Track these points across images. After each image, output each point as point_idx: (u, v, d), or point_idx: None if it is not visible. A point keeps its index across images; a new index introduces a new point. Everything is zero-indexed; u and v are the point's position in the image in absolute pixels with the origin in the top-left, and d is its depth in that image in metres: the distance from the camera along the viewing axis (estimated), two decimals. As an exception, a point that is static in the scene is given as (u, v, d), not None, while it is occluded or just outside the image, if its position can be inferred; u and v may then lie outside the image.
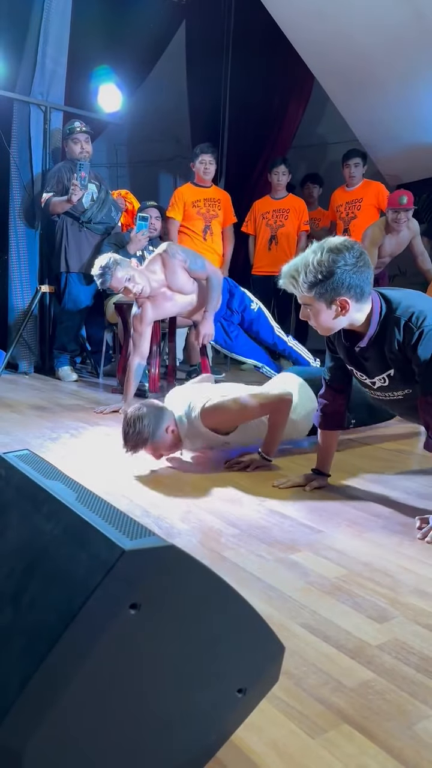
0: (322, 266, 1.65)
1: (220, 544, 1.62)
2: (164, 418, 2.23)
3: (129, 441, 2.18)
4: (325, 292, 1.67)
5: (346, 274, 1.65)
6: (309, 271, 1.66)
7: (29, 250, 4.81)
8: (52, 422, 3.03)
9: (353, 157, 4.96)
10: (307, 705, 0.99)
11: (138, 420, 2.16)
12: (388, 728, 0.94)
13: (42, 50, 4.59)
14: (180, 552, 0.70)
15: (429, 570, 1.50)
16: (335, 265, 1.64)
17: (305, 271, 1.66)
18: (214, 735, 0.81)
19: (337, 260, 1.64)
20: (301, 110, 6.15)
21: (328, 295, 1.67)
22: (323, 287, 1.66)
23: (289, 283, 1.72)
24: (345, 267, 1.64)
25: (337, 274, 1.64)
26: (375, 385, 1.90)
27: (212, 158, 4.80)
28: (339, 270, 1.64)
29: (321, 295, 1.67)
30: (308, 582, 1.42)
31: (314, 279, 1.66)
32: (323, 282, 1.65)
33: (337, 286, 1.66)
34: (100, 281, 3.17)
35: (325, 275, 1.65)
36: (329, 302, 1.69)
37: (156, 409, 2.24)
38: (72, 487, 0.85)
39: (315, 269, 1.65)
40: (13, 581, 0.73)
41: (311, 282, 1.66)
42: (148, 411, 2.19)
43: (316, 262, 1.65)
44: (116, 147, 6.96)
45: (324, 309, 1.70)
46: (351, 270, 1.65)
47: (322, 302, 1.69)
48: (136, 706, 0.70)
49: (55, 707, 0.64)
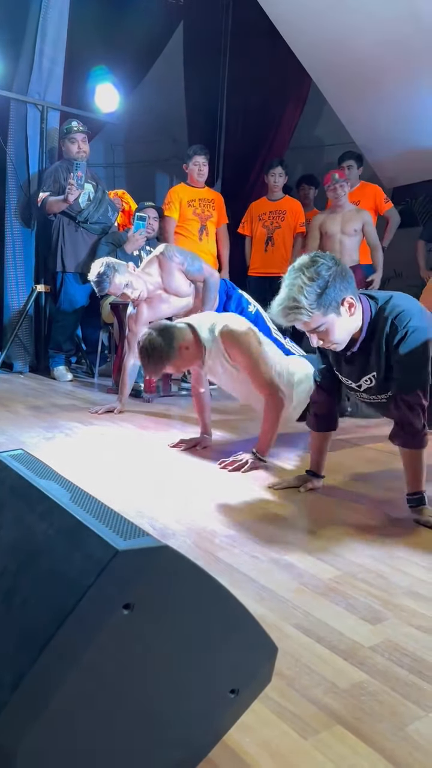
0: (314, 281, 1.66)
1: (214, 545, 1.62)
2: (175, 338, 2.26)
3: (148, 368, 2.25)
4: (330, 302, 1.68)
5: (337, 277, 1.67)
6: (307, 293, 1.65)
7: (25, 250, 4.80)
8: (47, 422, 3.03)
9: (347, 159, 4.97)
10: (299, 706, 0.99)
11: (150, 346, 2.21)
12: (381, 729, 0.94)
13: (39, 49, 4.59)
14: (174, 552, 0.70)
15: (422, 571, 1.50)
16: (324, 274, 1.66)
17: (303, 294, 1.66)
18: (206, 735, 0.81)
19: (321, 270, 1.67)
20: (298, 112, 6.16)
21: (335, 303, 1.69)
22: (327, 298, 1.67)
23: (294, 315, 1.69)
24: (331, 272, 1.67)
25: (330, 280, 1.66)
26: (361, 387, 1.93)
27: (206, 160, 4.80)
28: (329, 276, 1.67)
29: (328, 306, 1.68)
30: (302, 583, 1.42)
31: (316, 296, 1.66)
32: (324, 293, 1.66)
33: (337, 291, 1.68)
34: (98, 288, 3.16)
35: (323, 286, 1.66)
36: (337, 309, 1.70)
37: (165, 331, 2.27)
38: (66, 487, 0.85)
39: (311, 287, 1.66)
40: (5, 581, 0.73)
41: (315, 300, 1.66)
42: (158, 335, 2.23)
43: (307, 281, 1.66)
44: (113, 147, 6.95)
45: (336, 318, 1.72)
46: (337, 272, 1.68)
47: (332, 313, 1.70)
48: (128, 706, 0.70)
49: (48, 707, 0.64)
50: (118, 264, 3.19)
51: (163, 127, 6.64)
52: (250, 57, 6.09)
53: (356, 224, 4.48)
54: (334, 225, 4.51)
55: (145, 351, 2.23)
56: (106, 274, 3.10)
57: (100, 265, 3.15)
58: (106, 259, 3.25)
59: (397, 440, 1.82)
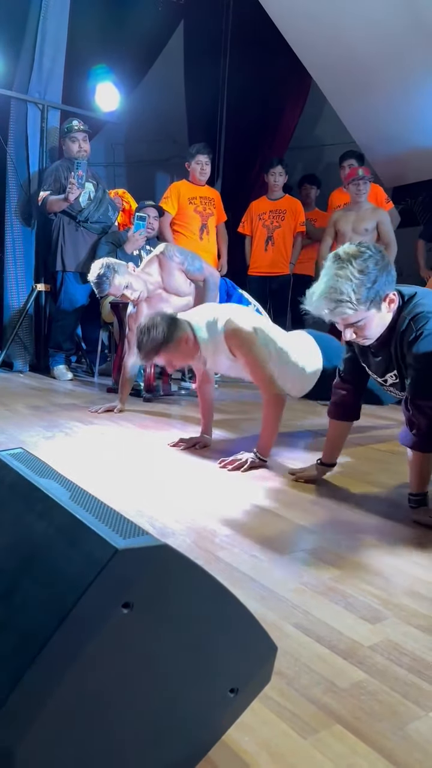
0: (364, 275, 1.60)
1: (214, 544, 1.62)
2: (179, 327, 2.23)
3: (143, 348, 2.18)
4: (375, 297, 1.63)
5: (383, 271, 1.63)
6: (356, 287, 1.59)
7: (25, 249, 4.80)
8: (47, 421, 3.03)
9: (349, 158, 4.97)
10: (299, 705, 0.99)
11: (153, 327, 2.16)
12: (380, 729, 0.94)
13: (40, 48, 4.59)
14: (173, 551, 0.70)
15: (422, 571, 1.50)
16: (373, 267, 1.61)
17: (353, 288, 1.59)
18: (205, 734, 0.81)
19: (369, 263, 1.61)
20: (299, 111, 6.16)
21: (379, 298, 1.64)
22: (374, 293, 1.62)
23: (340, 309, 1.62)
24: (378, 265, 1.62)
25: (379, 274, 1.62)
26: (387, 382, 1.91)
27: (208, 159, 4.80)
28: (377, 271, 1.61)
29: (373, 302, 1.64)
30: (301, 582, 1.42)
31: (366, 290, 1.60)
32: (372, 288, 1.61)
33: (382, 286, 1.63)
34: (98, 289, 3.15)
35: (373, 280, 1.61)
36: (379, 305, 1.66)
37: (171, 318, 2.24)
38: (65, 486, 0.85)
39: (361, 281, 1.59)
40: (5, 580, 0.73)
41: (364, 295, 1.61)
42: (162, 319, 2.20)
43: (358, 273, 1.59)
44: (114, 146, 6.95)
45: (376, 314, 1.67)
46: (383, 265, 1.63)
47: (373, 309, 1.65)
48: (128, 705, 0.70)
49: (47, 706, 0.63)
50: (118, 265, 3.18)
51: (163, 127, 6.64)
52: (251, 56, 6.08)
53: (369, 223, 4.46)
54: (347, 224, 4.50)
55: (146, 329, 2.17)
56: (106, 276, 3.09)
57: (100, 267, 3.13)
58: (105, 260, 3.24)
59: (406, 441, 1.80)
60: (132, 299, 3.22)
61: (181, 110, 6.59)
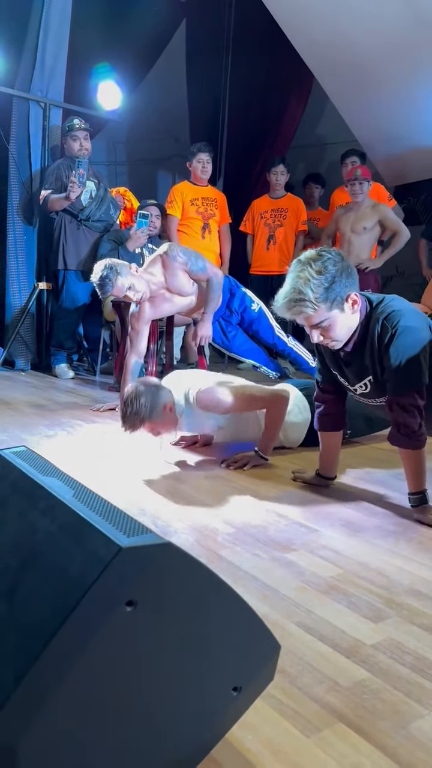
0: (322, 274, 1.65)
1: (216, 543, 1.62)
2: (161, 397, 2.22)
3: (127, 420, 2.17)
4: (336, 296, 1.68)
5: (343, 272, 1.68)
6: (314, 286, 1.65)
7: (27, 247, 4.79)
8: (49, 419, 3.03)
9: (351, 156, 4.96)
10: (301, 704, 0.99)
11: (136, 399, 2.16)
12: (383, 727, 0.94)
13: (42, 47, 4.58)
14: (177, 549, 0.70)
15: (424, 570, 1.50)
16: (331, 268, 1.66)
17: (310, 287, 1.65)
18: (208, 733, 0.81)
19: (327, 264, 1.66)
20: (301, 110, 6.15)
21: (340, 298, 1.69)
22: (333, 293, 1.67)
23: (299, 307, 1.69)
24: (337, 267, 1.67)
25: (337, 275, 1.66)
26: (357, 391, 1.92)
27: (209, 157, 4.79)
28: (336, 271, 1.67)
29: (333, 301, 1.68)
30: (304, 581, 1.42)
31: (324, 289, 1.65)
32: (331, 287, 1.66)
33: (343, 286, 1.68)
34: (101, 291, 3.14)
35: (330, 280, 1.66)
36: (341, 305, 1.70)
37: (154, 387, 2.23)
38: (69, 484, 0.85)
39: (318, 281, 1.65)
40: (8, 577, 0.73)
41: (322, 294, 1.66)
42: (146, 389, 2.19)
43: (315, 274, 1.65)
44: (115, 145, 6.94)
45: (339, 314, 1.72)
46: (343, 267, 1.69)
47: (336, 308, 1.70)
48: (131, 703, 0.70)
49: (50, 703, 0.63)
50: (120, 266, 3.16)
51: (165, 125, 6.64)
52: (253, 55, 6.07)
53: (368, 222, 4.44)
54: (346, 223, 4.49)
55: (129, 401, 2.16)
56: (108, 277, 3.07)
57: (102, 268, 3.12)
58: (108, 260, 3.22)
59: (395, 442, 1.81)
60: (134, 300, 3.21)
61: (183, 109, 6.59)
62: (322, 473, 2.13)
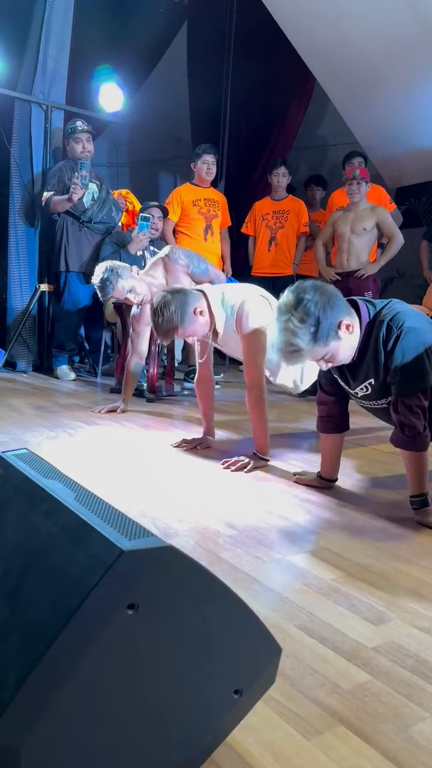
0: (305, 322, 1.65)
1: (217, 545, 1.62)
2: (190, 301, 2.25)
3: (160, 329, 2.21)
4: (327, 333, 1.68)
5: (326, 307, 1.66)
6: (302, 335, 1.65)
7: (29, 249, 4.81)
8: (50, 421, 3.03)
9: (354, 158, 4.97)
10: (302, 707, 0.99)
11: (165, 307, 2.18)
12: (384, 730, 0.94)
13: (44, 49, 4.60)
14: (178, 553, 0.70)
15: (425, 573, 1.50)
16: (313, 310, 1.65)
17: (299, 338, 1.65)
18: (209, 736, 0.81)
19: (308, 307, 1.65)
20: (302, 112, 6.16)
21: (332, 331, 1.69)
22: (323, 332, 1.66)
23: (296, 358, 1.71)
24: (318, 305, 1.65)
25: (320, 314, 1.65)
26: (358, 394, 1.92)
27: (214, 159, 4.80)
28: (318, 310, 1.65)
29: (327, 337, 1.68)
30: (305, 584, 1.42)
31: (311, 335, 1.66)
32: (319, 329, 1.66)
33: (330, 320, 1.67)
34: (101, 293, 3.14)
35: (315, 323, 1.65)
36: (336, 335, 1.70)
37: (181, 293, 2.26)
38: (70, 487, 0.85)
39: (304, 328, 1.65)
40: (10, 579, 0.73)
41: (311, 339, 1.66)
42: (174, 297, 2.21)
43: (299, 323, 1.65)
44: (117, 146, 6.95)
45: (338, 343, 1.72)
46: (323, 302, 1.67)
47: (332, 341, 1.70)
48: (132, 706, 0.70)
49: (51, 706, 0.64)
50: (122, 268, 3.16)
51: (166, 127, 6.65)
52: (254, 57, 6.09)
53: (367, 223, 4.43)
54: (345, 224, 4.48)
55: (159, 311, 2.18)
56: (109, 280, 3.08)
57: (103, 270, 3.12)
58: (109, 263, 3.22)
59: (399, 443, 1.81)
60: (135, 303, 3.21)
61: (185, 111, 6.60)
62: (323, 475, 2.13)
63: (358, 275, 4.47)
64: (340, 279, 4.53)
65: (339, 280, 4.56)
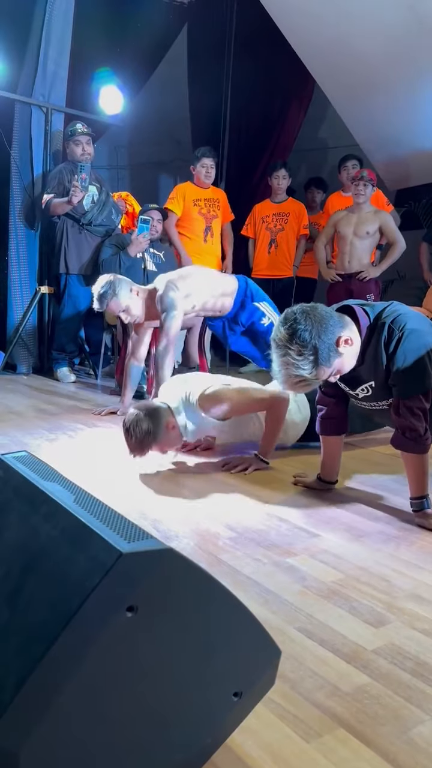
0: (303, 354, 1.64)
1: (217, 548, 1.62)
2: (162, 417, 2.22)
3: (133, 448, 2.18)
4: (328, 354, 1.67)
5: (320, 332, 1.65)
6: (303, 365, 1.64)
7: (29, 251, 4.81)
8: (50, 423, 3.03)
9: (351, 160, 4.97)
10: (302, 709, 0.99)
11: (137, 426, 2.15)
12: (384, 733, 0.94)
13: (44, 51, 4.60)
14: (178, 555, 0.70)
15: (425, 575, 1.50)
16: (307, 338, 1.64)
17: (301, 369, 1.65)
18: (209, 738, 0.81)
19: (303, 336, 1.63)
20: (302, 114, 6.16)
21: (333, 351, 1.68)
22: (323, 356, 1.66)
23: (305, 386, 1.72)
24: (311, 332, 1.64)
25: (316, 341, 1.64)
26: (358, 395, 1.92)
27: (213, 162, 4.81)
28: (312, 337, 1.64)
29: (329, 358, 1.68)
30: (305, 586, 1.42)
31: (312, 363, 1.65)
32: (318, 355, 1.65)
33: (327, 342, 1.67)
34: (97, 306, 3.14)
35: (313, 351, 1.64)
36: (337, 352, 1.70)
37: (152, 410, 2.23)
38: (70, 489, 0.85)
39: (303, 359, 1.64)
40: (10, 581, 0.73)
41: (313, 366, 1.65)
42: (145, 415, 2.18)
43: (297, 356, 1.64)
44: (117, 149, 6.96)
45: (340, 359, 1.73)
46: (315, 327, 1.65)
47: (334, 359, 1.70)
48: (132, 708, 0.70)
49: (51, 708, 0.64)
50: (121, 286, 3.07)
51: (167, 130, 6.65)
52: (254, 59, 6.09)
53: (370, 226, 4.44)
54: (348, 226, 4.48)
55: (132, 432, 2.16)
56: (106, 296, 3.05)
57: (103, 285, 3.07)
58: (112, 277, 3.13)
59: (400, 445, 1.81)
60: (126, 322, 3.19)
61: (185, 113, 6.60)
62: (323, 477, 2.13)
63: (360, 278, 4.48)
64: (341, 280, 4.53)
65: (340, 281, 4.57)
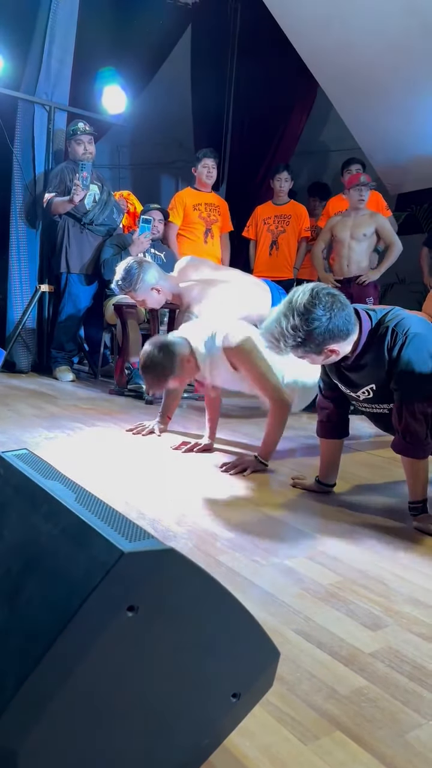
0: (297, 331, 1.67)
1: (216, 549, 1.62)
2: (176, 351, 2.25)
3: (149, 384, 2.24)
4: (310, 348, 1.71)
5: (323, 327, 1.67)
6: (288, 338, 1.68)
7: (30, 250, 4.81)
8: (49, 422, 3.03)
9: (354, 164, 4.98)
10: (300, 711, 0.99)
11: (151, 362, 2.19)
12: (381, 736, 0.94)
13: (48, 50, 4.60)
14: (178, 555, 0.70)
15: (423, 578, 1.50)
16: (311, 325, 1.66)
17: (283, 338, 1.68)
18: (207, 739, 0.81)
19: (310, 320, 1.65)
20: (305, 117, 6.16)
21: (317, 348, 1.71)
22: (307, 346, 1.69)
23: (274, 348, 1.75)
24: (320, 321, 1.66)
25: (316, 331, 1.66)
26: (360, 397, 1.92)
27: (215, 163, 4.82)
28: (316, 327, 1.66)
29: (308, 351, 1.72)
30: (303, 588, 1.42)
31: (295, 343, 1.69)
32: (305, 342, 1.68)
33: (321, 341, 1.69)
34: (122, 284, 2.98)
35: (304, 337, 1.67)
36: (318, 353, 1.73)
37: (167, 344, 2.25)
38: (71, 488, 0.85)
39: (293, 335, 1.67)
40: (10, 580, 0.73)
41: (294, 346, 1.70)
42: (160, 349, 2.20)
43: (291, 329, 1.66)
44: (119, 148, 6.96)
45: (316, 358, 1.76)
46: (328, 320, 1.67)
47: (311, 354, 1.74)
48: (130, 708, 0.70)
49: (50, 707, 0.64)
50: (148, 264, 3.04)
51: (169, 130, 6.66)
52: (258, 61, 6.09)
53: (367, 229, 4.44)
54: (345, 229, 4.49)
55: (146, 368, 2.21)
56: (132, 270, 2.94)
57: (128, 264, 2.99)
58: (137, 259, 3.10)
59: (401, 450, 1.81)
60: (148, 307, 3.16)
61: (187, 114, 6.61)
62: (322, 480, 2.13)
63: (359, 282, 4.48)
64: (339, 286, 4.53)
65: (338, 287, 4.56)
